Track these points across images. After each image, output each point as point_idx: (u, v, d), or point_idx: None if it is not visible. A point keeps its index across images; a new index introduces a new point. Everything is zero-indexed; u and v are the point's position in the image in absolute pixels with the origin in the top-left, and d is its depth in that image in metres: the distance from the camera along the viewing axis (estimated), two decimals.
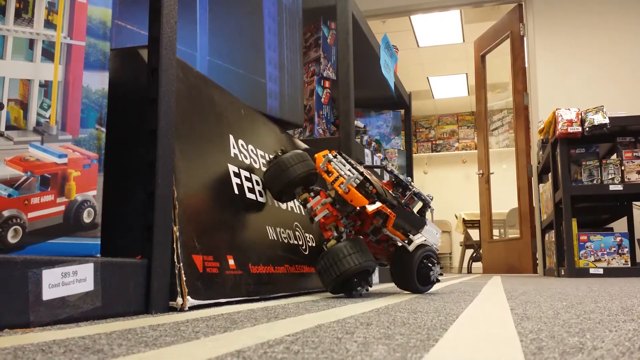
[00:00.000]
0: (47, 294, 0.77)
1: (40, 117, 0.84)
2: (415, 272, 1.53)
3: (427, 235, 1.59)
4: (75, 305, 0.82)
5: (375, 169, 1.59)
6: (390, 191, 1.51)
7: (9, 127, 0.80)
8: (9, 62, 0.81)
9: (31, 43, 0.84)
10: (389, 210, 1.38)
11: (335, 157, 1.47)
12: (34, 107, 0.84)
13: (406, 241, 1.52)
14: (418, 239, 1.53)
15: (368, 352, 0.52)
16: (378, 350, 0.53)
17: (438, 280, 1.57)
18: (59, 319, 0.79)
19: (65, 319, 0.80)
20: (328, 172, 1.43)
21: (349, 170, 1.42)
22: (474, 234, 6.74)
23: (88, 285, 0.84)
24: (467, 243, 6.85)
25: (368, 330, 0.69)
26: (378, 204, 1.35)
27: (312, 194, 1.50)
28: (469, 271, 6.67)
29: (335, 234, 1.43)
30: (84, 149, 0.90)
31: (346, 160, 1.48)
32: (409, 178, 1.62)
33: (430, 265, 1.54)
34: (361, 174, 1.39)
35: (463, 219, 6.88)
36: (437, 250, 1.63)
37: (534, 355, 0.50)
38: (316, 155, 1.49)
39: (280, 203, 1.64)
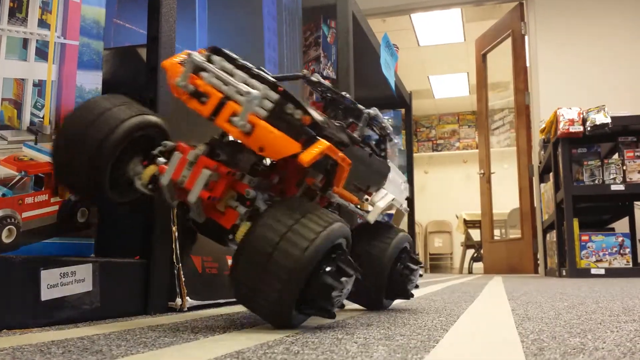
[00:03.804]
0: (46, 295, 0.77)
1: (34, 117, 0.84)
2: (385, 280, 0.94)
3: (391, 188, 0.98)
4: (73, 305, 0.81)
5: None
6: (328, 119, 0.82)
7: (2, 127, 0.80)
8: (3, 62, 0.81)
9: (25, 42, 0.84)
10: (340, 154, 0.74)
11: (208, 58, 0.76)
12: (28, 107, 0.84)
13: (362, 207, 0.95)
14: (382, 200, 0.93)
15: (368, 353, 0.51)
16: (378, 351, 0.52)
17: (416, 286, 1.03)
18: (58, 320, 0.78)
19: (64, 319, 0.79)
20: (198, 96, 0.72)
21: (243, 80, 0.72)
22: (475, 234, 6.73)
23: (87, 286, 0.84)
24: (468, 243, 6.84)
25: (368, 331, 0.69)
26: (321, 144, 0.70)
27: (161, 159, 0.79)
28: (470, 271, 6.66)
29: (244, 211, 0.74)
30: None
31: (233, 61, 0.76)
32: (345, 94, 0.93)
33: (409, 270, 0.97)
34: (272, 85, 0.72)
35: (464, 219, 6.87)
36: (405, 211, 1.04)
37: (535, 356, 0.50)
38: (165, 64, 0.77)
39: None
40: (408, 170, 3.56)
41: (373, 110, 0.91)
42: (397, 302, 1.19)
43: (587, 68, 4.70)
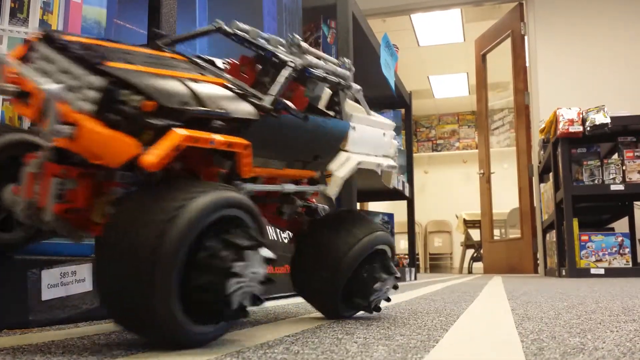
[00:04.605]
0: (46, 294, 0.77)
1: None
2: (341, 285, 0.78)
3: (361, 148, 0.79)
4: (74, 305, 0.81)
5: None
6: (242, 83, 0.67)
7: None
8: None
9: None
10: (218, 140, 0.57)
11: (33, 49, 0.60)
12: None
13: (319, 184, 0.79)
14: (342, 167, 0.75)
15: (368, 353, 0.51)
16: (378, 351, 0.52)
17: (388, 300, 0.84)
18: (58, 319, 0.79)
19: (64, 319, 0.80)
20: (24, 96, 0.57)
21: (64, 68, 0.57)
22: (475, 234, 6.74)
23: (87, 285, 0.84)
24: (468, 243, 6.85)
25: (368, 330, 0.69)
26: (173, 136, 0.53)
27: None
28: (470, 271, 6.66)
29: None
30: None
31: (54, 44, 0.59)
32: (279, 40, 0.74)
33: (376, 279, 0.79)
34: (97, 68, 0.55)
35: (464, 219, 6.87)
36: (395, 168, 0.86)
37: (535, 356, 0.50)
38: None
39: None
40: (408, 170, 3.56)
41: (301, 61, 0.71)
42: (395, 304, 1.19)
43: (587, 68, 4.70)
